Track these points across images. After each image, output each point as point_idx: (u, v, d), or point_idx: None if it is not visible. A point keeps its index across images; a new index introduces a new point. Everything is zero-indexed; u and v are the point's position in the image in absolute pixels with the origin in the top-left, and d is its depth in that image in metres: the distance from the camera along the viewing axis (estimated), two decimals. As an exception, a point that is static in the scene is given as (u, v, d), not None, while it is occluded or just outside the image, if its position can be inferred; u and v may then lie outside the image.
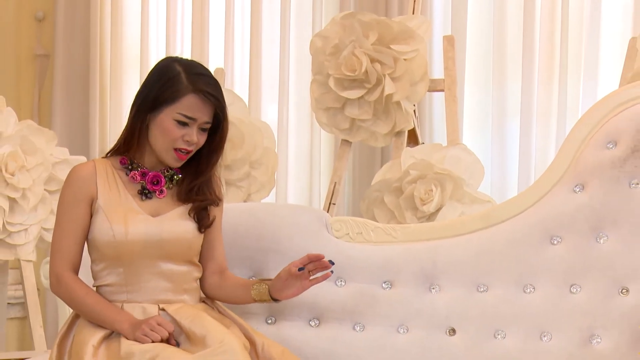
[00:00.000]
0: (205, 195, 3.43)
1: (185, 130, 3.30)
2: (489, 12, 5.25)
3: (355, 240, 3.77)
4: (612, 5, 5.03)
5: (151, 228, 3.33)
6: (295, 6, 5.61)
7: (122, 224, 3.31)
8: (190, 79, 3.30)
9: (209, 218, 3.43)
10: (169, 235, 3.35)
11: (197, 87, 3.29)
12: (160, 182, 3.39)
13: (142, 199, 3.37)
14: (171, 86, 3.30)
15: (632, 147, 3.49)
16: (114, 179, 3.37)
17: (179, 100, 3.28)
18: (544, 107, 5.09)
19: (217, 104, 3.32)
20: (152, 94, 3.32)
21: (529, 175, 5.05)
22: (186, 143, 3.31)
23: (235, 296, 3.48)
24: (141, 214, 3.33)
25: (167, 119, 3.30)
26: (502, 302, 3.56)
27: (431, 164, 4.41)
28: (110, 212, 3.32)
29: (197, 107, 3.29)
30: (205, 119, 3.31)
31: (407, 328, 3.65)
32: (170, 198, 3.40)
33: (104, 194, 3.34)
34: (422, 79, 4.64)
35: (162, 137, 3.32)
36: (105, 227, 3.31)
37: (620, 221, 3.47)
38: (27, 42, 6.20)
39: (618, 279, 3.44)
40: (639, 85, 3.59)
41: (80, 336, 3.29)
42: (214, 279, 3.50)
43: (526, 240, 3.58)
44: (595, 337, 3.43)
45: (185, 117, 3.29)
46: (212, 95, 3.30)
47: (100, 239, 3.32)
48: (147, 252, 3.32)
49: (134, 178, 3.38)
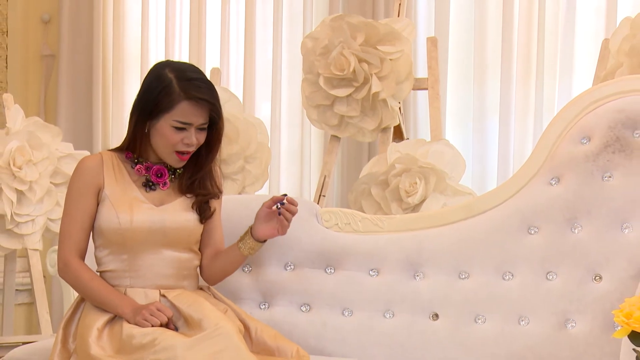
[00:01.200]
0: (207, 189, 3.44)
1: (184, 134, 3.30)
2: (470, 15, 5.25)
3: (343, 230, 3.77)
4: (586, 9, 5.03)
5: (155, 216, 3.35)
6: (287, 9, 5.60)
7: (128, 213, 3.32)
8: (182, 85, 3.30)
9: (210, 210, 3.45)
10: (172, 223, 3.36)
11: (189, 94, 3.29)
12: (164, 175, 3.41)
13: (146, 190, 3.38)
14: (165, 95, 3.30)
15: (605, 143, 3.50)
16: (120, 171, 3.38)
17: (173, 108, 3.29)
18: (521, 105, 5.09)
19: (210, 107, 3.32)
20: (149, 104, 3.33)
21: (508, 168, 5.06)
22: (186, 146, 3.32)
23: (228, 262, 3.51)
24: (145, 204, 3.35)
25: (165, 126, 3.31)
26: (482, 289, 3.56)
27: (415, 158, 4.41)
28: (116, 201, 3.34)
29: (191, 112, 3.30)
30: (201, 121, 3.32)
31: (392, 313, 3.65)
32: (172, 189, 3.42)
33: (111, 185, 3.36)
34: (407, 78, 4.64)
35: (163, 142, 3.33)
36: (111, 215, 3.33)
37: (594, 212, 3.47)
38: (34, 43, 6.19)
39: (591, 266, 3.44)
40: (611, 84, 3.58)
41: (86, 320, 3.30)
42: (209, 260, 3.52)
43: (505, 230, 3.58)
44: (570, 321, 3.43)
45: (181, 123, 3.29)
46: (204, 100, 3.30)
47: (106, 226, 3.34)
48: (150, 239, 3.34)
49: (139, 171, 3.39)
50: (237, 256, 3.48)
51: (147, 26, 5.91)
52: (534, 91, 5.05)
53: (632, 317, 2.09)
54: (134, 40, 5.98)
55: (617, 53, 4.36)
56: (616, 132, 3.49)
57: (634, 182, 3.44)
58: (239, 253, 3.46)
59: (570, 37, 5.02)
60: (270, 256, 3.63)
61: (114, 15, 5.97)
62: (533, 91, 5.05)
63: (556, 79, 5.06)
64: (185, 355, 3.04)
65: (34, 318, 5.39)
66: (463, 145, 5.12)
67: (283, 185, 5.59)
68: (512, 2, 5.06)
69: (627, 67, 4.28)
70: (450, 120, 5.29)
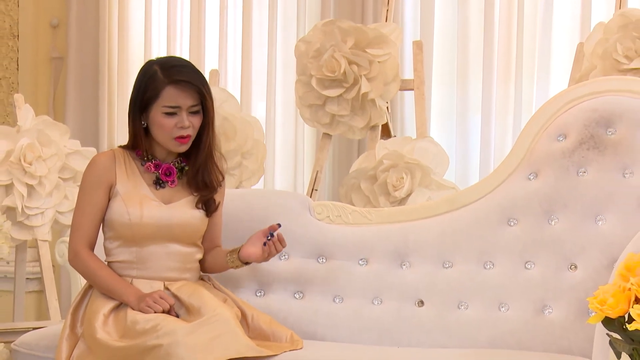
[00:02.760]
0: (207, 187, 3.43)
1: (176, 118, 3.31)
2: (454, 20, 5.25)
3: (334, 222, 3.77)
4: (562, 15, 5.03)
5: (163, 214, 3.36)
6: (281, 14, 5.60)
7: (138, 209, 3.34)
8: (165, 73, 3.32)
9: (215, 203, 3.45)
10: (179, 220, 3.38)
11: (172, 79, 3.30)
12: (172, 173, 3.41)
13: (156, 188, 3.39)
14: (151, 85, 3.32)
15: (580, 140, 3.49)
16: (131, 168, 3.40)
17: (160, 95, 3.30)
18: (502, 104, 5.08)
19: (195, 88, 3.32)
20: (139, 98, 3.35)
21: (489, 164, 5.05)
22: (180, 129, 3.32)
23: (217, 264, 3.53)
24: (155, 201, 3.37)
25: (157, 115, 3.32)
26: (465, 277, 3.56)
27: (402, 155, 4.41)
28: (128, 197, 3.35)
29: (177, 95, 3.30)
30: (189, 103, 3.32)
31: (381, 300, 3.65)
32: (180, 187, 3.43)
33: (123, 181, 3.36)
34: (394, 79, 4.64)
35: (160, 131, 3.33)
36: (122, 210, 3.34)
37: (570, 205, 3.47)
38: (44, 47, 6.18)
39: (567, 256, 3.44)
40: (585, 85, 3.59)
41: (93, 306, 3.31)
42: (205, 253, 3.53)
43: (486, 222, 3.58)
44: (547, 308, 3.43)
45: (170, 107, 3.30)
46: (186, 82, 3.31)
47: (117, 220, 3.35)
48: (158, 234, 3.36)
49: (149, 168, 3.40)
50: (224, 265, 3.51)
51: (150, 30, 5.90)
52: (513, 92, 5.05)
53: (605, 303, 2.09)
54: (138, 44, 5.97)
55: (591, 56, 4.36)
56: (590, 130, 3.49)
57: (607, 177, 3.44)
58: (226, 265, 3.49)
59: (547, 41, 5.02)
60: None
61: (119, 20, 5.96)
62: (512, 92, 5.05)
63: (534, 80, 5.05)
64: (186, 340, 3.05)
65: (43, 305, 5.38)
66: (447, 142, 5.11)
67: (278, 180, 5.59)
68: (492, 8, 5.06)
69: (600, 70, 4.28)
70: (434, 118, 5.29)
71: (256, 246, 3.41)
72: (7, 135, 4.59)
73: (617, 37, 4.24)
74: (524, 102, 5.02)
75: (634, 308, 2.04)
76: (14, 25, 6.16)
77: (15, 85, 6.12)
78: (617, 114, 3.46)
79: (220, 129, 4.59)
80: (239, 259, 3.43)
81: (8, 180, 4.52)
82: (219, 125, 4.58)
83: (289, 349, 3.29)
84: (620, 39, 4.23)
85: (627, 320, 2.07)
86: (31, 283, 5.60)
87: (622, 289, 2.09)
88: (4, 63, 6.16)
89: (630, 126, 3.44)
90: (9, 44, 6.16)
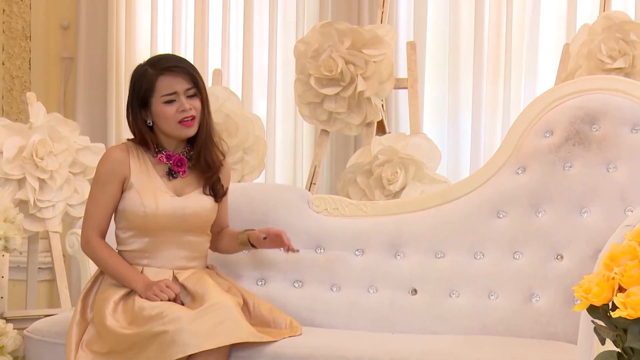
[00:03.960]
0: (210, 168, 3.44)
1: (176, 105, 3.33)
2: (446, 22, 5.24)
3: (332, 214, 3.77)
4: (549, 17, 5.02)
5: (177, 205, 3.38)
6: (281, 16, 5.59)
7: (153, 201, 3.35)
8: (154, 67, 3.36)
9: (223, 188, 3.48)
10: (192, 210, 3.40)
11: (161, 68, 3.34)
12: (183, 163, 3.42)
13: (169, 179, 3.41)
14: (145, 82, 3.35)
15: (566, 136, 3.49)
16: (144, 161, 3.41)
17: (155, 87, 3.33)
18: (491, 102, 5.08)
19: (184, 71, 3.35)
20: (137, 97, 3.39)
21: (479, 159, 5.05)
22: (182, 112, 3.34)
23: (226, 245, 3.60)
24: (168, 193, 3.38)
25: (158, 107, 3.34)
26: (456, 267, 3.56)
27: (396, 150, 4.41)
28: (142, 190, 3.36)
29: (170, 82, 3.33)
30: (184, 86, 3.35)
31: (376, 288, 3.65)
32: (190, 179, 3.44)
33: (136, 174, 3.37)
34: (389, 78, 4.63)
35: (165, 121, 3.35)
36: (137, 202, 3.35)
37: (556, 198, 3.47)
38: (54, 47, 6.16)
39: (554, 247, 3.44)
40: (571, 84, 3.58)
41: (105, 294, 3.32)
42: (214, 235, 3.56)
43: (476, 214, 3.58)
44: (534, 296, 3.43)
45: (168, 95, 3.33)
46: (174, 67, 3.35)
47: (131, 211, 3.37)
48: (172, 225, 3.38)
49: (161, 160, 3.41)
50: (236, 247, 3.57)
51: (156, 32, 5.89)
52: (502, 90, 5.04)
53: (590, 292, 2.09)
54: (144, 45, 5.96)
55: (576, 56, 4.36)
56: (576, 126, 3.48)
57: (592, 172, 3.44)
58: (236, 245, 3.54)
59: (534, 42, 5.01)
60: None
61: (126, 22, 5.95)
62: (501, 90, 5.05)
63: (522, 79, 5.05)
64: (190, 326, 3.05)
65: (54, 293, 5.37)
66: (439, 138, 5.11)
67: (278, 175, 5.58)
68: (483, 10, 5.05)
69: (585, 69, 4.28)
70: (427, 116, 5.28)
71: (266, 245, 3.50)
72: (19, 131, 4.58)
73: (602, 38, 4.24)
74: (512, 100, 5.02)
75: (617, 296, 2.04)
76: (26, 27, 6.15)
77: (27, 84, 6.11)
78: (602, 111, 3.46)
79: (223, 125, 4.59)
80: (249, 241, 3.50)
81: (21, 175, 4.52)
82: (222, 122, 4.58)
83: (288, 335, 3.29)
84: (604, 40, 4.23)
85: (611, 308, 2.07)
86: (43, 272, 5.60)
87: (606, 278, 2.09)
88: (17, 63, 6.15)
89: (614, 123, 3.43)
90: (21, 44, 6.15)
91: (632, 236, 2.16)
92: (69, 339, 3.29)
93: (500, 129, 5.03)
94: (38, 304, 5.22)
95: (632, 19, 4.47)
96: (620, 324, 2.04)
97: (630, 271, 2.06)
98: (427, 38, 5.26)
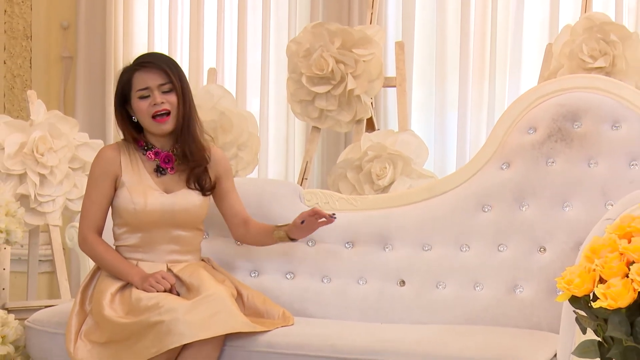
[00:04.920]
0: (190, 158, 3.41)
1: (149, 99, 3.34)
2: (433, 23, 5.24)
3: (323, 208, 3.75)
4: (532, 18, 5.03)
5: (165, 202, 3.37)
6: (274, 17, 5.58)
7: (142, 198, 3.35)
8: (132, 64, 3.40)
9: (210, 182, 3.44)
10: (180, 207, 3.39)
11: (136, 65, 3.37)
12: (171, 160, 3.41)
13: (157, 176, 3.40)
14: (124, 79, 3.38)
15: (548, 133, 3.49)
16: (135, 159, 3.41)
17: (132, 83, 3.36)
18: (477, 100, 5.08)
19: (158, 66, 3.35)
20: (119, 93, 3.40)
21: (465, 155, 5.05)
22: (155, 107, 3.34)
23: (260, 241, 3.55)
24: (157, 191, 3.38)
25: (134, 102, 3.36)
26: (443, 259, 3.56)
27: (385, 146, 4.40)
28: (132, 188, 3.36)
29: (144, 77, 3.34)
30: (157, 82, 3.35)
31: (365, 280, 3.64)
32: (179, 176, 3.42)
33: (127, 172, 3.37)
34: (378, 77, 4.63)
35: (141, 115, 3.37)
36: (128, 200, 3.36)
37: (539, 192, 3.47)
38: (55, 47, 6.15)
39: (537, 239, 3.44)
40: (553, 82, 3.59)
41: (102, 286, 3.32)
42: (241, 230, 3.55)
43: (462, 208, 3.58)
44: (518, 287, 3.43)
45: (141, 90, 3.35)
46: (149, 62, 3.37)
47: (124, 209, 3.36)
48: (162, 221, 3.37)
49: (150, 157, 3.40)
50: (270, 242, 3.52)
51: (153, 32, 5.88)
52: (487, 88, 5.05)
53: (572, 283, 2.09)
54: (141, 45, 5.94)
55: (558, 56, 4.36)
56: (558, 123, 3.49)
57: (574, 167, 3.44)
58: (273, 241, 3.50)
59: (518, 42, 5.02)
60: (259, 231, 3.61)
61: (124, 22, 5.94)
62: (487, 88, 5.05)
63: (506, 78, 5.05)
64: (186, 317, 3.04)
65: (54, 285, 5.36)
66: (426, 135, 5.11)
67: (270, 170, 5.58)
68: (468, 12, 5.05)
69: (567, 68, 4.28)
70: (415, 113, 5.28)
71: (304, 232, 3.43)
72: (21, 128, 4.57)
73: (583, 38, 4.24)
74: (497, 98, 5.02)
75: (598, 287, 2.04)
76: (27, 27, 6.14)
77: (28, 83, 6.10)
78: (583, 109, 3.46)
79: (218, 122, 4.58)
80: (287, 236, 3.45)
81: (22, 170, 4.51)
82: (217, 119, 4.58)
83: (281, 325, 3.29)
84: (585, 40, 4.23)
85: (592, 299, 2.07)
86: (43, 265, 5.59)
87: (587, 270, 2.09)
88: (18, 62, 6.14)
89: (595, 120, 3.44)
90: (22, 44, 6.14)
91: (612, 229, 2.16)
92: (68, 329, 3.28)
93: (485, 126, 5.04)
94: (38, 295, 5.21)
95: (613, 20, 4.47)
96: (601, 314, 2.04)
97: (610, 263, 2.06)
98: (414, 38, 5.25)
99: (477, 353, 2.95)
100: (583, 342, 2.16)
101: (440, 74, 5.21)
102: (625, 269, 2.05)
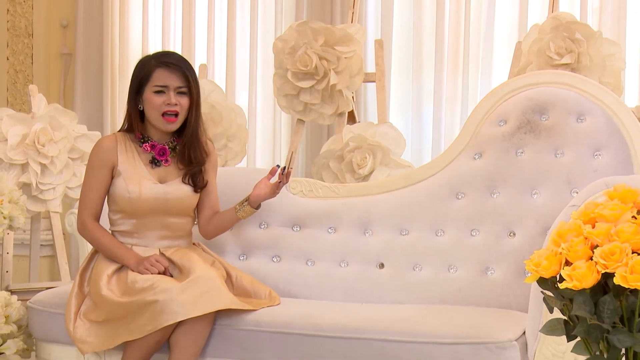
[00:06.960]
0: (192, 163, 3.41)
1: (164, 97, 3.31)
2: (410, 22, 5.24)
3: (307, 196, 3.76)
4: (503, 17, 5.03)
5: (159, 191, 3.36)
6: (261, 16, 5.57)
7: (137, 187, 3.34)
8: (157, 58, 3.36)
9: (203, 181, 3.43)
10: (173, 196, 3.38)
11: (161, 62, 3.33)
12: (165, 153, 3.40)
13: (152, 167, 3.38)
14: (144, 70, 3.34)
15: (518, 125, 3.50)
16: (131, 150, 3.39)
17: (151, 76, 3.31)
18: (451, 94, 5.08)
19: (181, 70, 3.32)
20: (135, 82, 3.36)
21: (440, 146, 5.05)
22: (168, 106, 3.32)
23: (224, 221, 3.51)
24: (152, 181, 3.36)
25: (149, 95, 3.32)
26: (419, 243, 3.56)
27: (365, 138, 4.40)
28: (128, 177, 3.35)
29: (165, 76, 3.31)
30: (176, 84, 3.32)
31: (347, 263, 3.64)
32: (173, 167, 3.41)
33: (123, 162, 3.35)
34: (359, 73, 4.62)
35: (151, 109, 3.33)
36: (123, 188, 3.34)
37: (509, 181, 3.48)
38: (55, 44, 6.13)
39: (507, 225, 3.45)
40: (523, 78, 3.59)
41: (98, 268, 3.31)
42: (206, 220, 3.52)
43: (438, 196, 3.58)
44: (489, 269, 3.44)
45: (159, 86, 3.31)
46: (174, 64, 3.32)
47: (119, 196, 3.36)
48: (155, 209, 3.36)
49: (146, 149, 3.39)
50: (233, 218, 3.49)
51: (147, 30, 5.86)
52: (461, 83, 5.05)
53: (540, 266, 2.09)
54: (136, 42, 5.93)
55: (527, 53, 4.36)
56: (527, 116, 3.49)
57: (542, 157, 3.45)
58: (236, 217, 3.47)
59: (490, 40, 5.02)
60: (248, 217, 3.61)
61: (120, 21, 5.92)
62: (460, 83, 5.05)
63: (479, 73, 5.06)
64: (179, 297, 3.05)
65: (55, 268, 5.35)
66: (404, 126, 5.11)
67: (258, 160, 5.57)
68: (443, 11, 5.06)
69: (536, 65, 4.28)
70: (393, 106, 5.28)
71: (262, 189, 3.42)
72: (23, 120, 4.55)
73: (550, 36, 4.25)
74: (470, 92, 5.03)
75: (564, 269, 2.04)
76: (28, 25, 6.11)
77: (30, 78, 6.08)
78: (551, 102, 3.46)
79: (208, 115, 4.57)
80: (250, 205, 3.43)
81: (24, 160, 4.49)
82: (207, 112, 4.56)
83: (267, 305, 3.29)
84: (552, 39, 4.23)
85: (559, 280, 2.07)
86: (44, 249, 5.57)
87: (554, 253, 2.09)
88: (20, 58, 6.11)
89: (562, 113, 3.44)
90: (24, 41, 6.11)
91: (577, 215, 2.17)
92: (68, 309, 3.28)
93: (459, 118, 5.04)
94: (40, 277, 5.20)
95: (578, 19, 4.48)
96: (567, 294, 2.05)
97: (575, 247, 2.06)
98: (393, 36, 5.25)
99: (451, 330, 2.95)
100: (550, 320, 2.16)
101: (416, 70, 5.22)
102: (589, 252, 2.05)
